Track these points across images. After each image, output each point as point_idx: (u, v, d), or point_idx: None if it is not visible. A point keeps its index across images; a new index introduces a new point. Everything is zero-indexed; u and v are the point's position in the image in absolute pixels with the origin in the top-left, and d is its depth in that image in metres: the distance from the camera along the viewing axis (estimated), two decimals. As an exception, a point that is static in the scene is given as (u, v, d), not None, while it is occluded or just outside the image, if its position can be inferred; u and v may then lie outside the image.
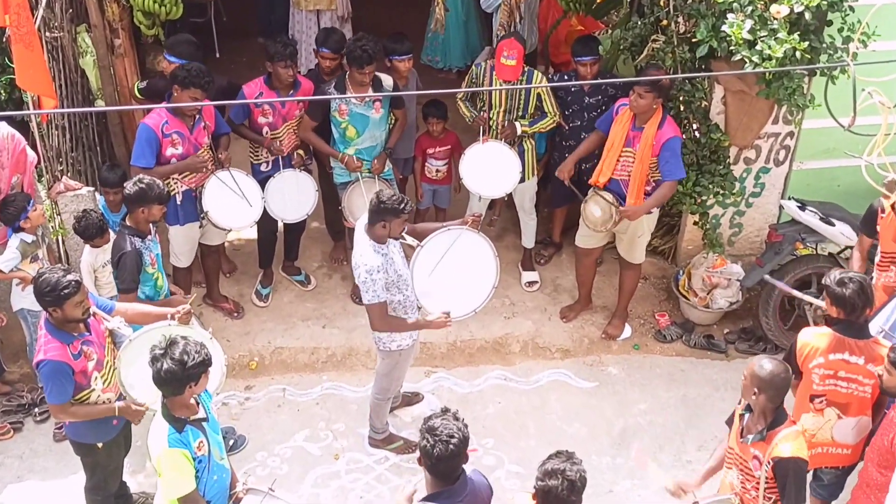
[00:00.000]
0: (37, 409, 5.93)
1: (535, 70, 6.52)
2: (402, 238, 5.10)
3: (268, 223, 6.50)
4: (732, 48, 5.57)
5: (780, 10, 5.35)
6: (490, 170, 6.36)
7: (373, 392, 5.63)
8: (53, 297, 4.29)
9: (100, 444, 4.73)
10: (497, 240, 7.41)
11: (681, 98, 6.36)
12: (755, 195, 6.76)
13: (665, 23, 6.22)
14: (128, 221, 5.17)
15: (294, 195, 6.38)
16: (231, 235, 6.95)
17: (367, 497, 5.55)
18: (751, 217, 6.87)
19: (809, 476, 4.60)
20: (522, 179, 6.51)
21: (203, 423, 4.10)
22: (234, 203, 6.04)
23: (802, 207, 6.24)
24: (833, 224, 6.12)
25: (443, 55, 9.33)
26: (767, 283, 6.30)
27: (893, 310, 5.05)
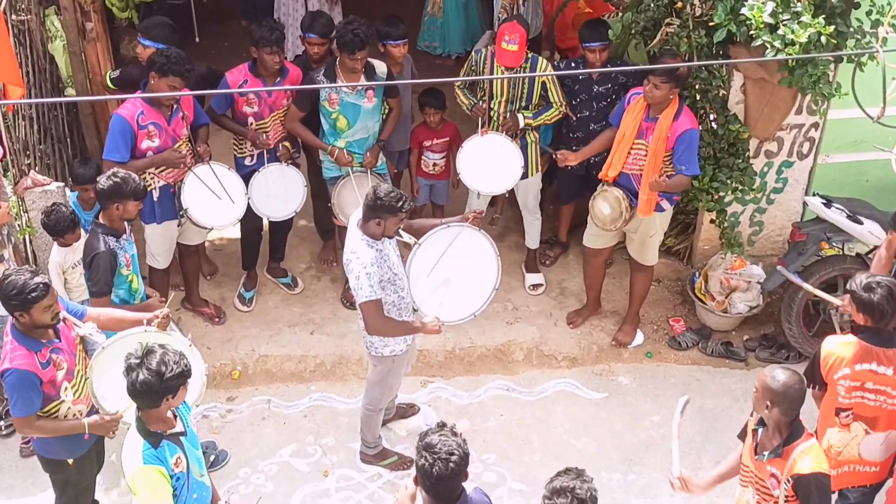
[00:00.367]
0: (1, 423, 5.93)
1: (540, 56, 6.51)
2: (399, 236, 5.11)
3: (252, 221, 6.49)
4: (752, 32, 5.57)
5: (805, -8, 5.36)
6: (489, 164, 6.36)
7: (363, 403, 5.63)
8: (20, 301, 4.29)
9: (70, 461, 4.72)
10: (499, 239, 7.40)
11: (696, 86, 6.36)
12: (777, 191, 6.76)
13: (680, 5, 6.22)
14: (101, 219, 5.17)
15: (280, 191, 6.37)
16: (212, 235, 6.95)
17: (359, 517, 5.57)
18: (772, 215, 6.87)
19: (835, 496, 4.60)
20: (525, 175, 6.50)
21: (181, 438, 4.09)
22: (215, 199, 6.04)
23: (828, 204, 6.24)
24: (861, 222, 6.11)
25: (441, 40, 9.33)
26: (790, 286, 6.31)
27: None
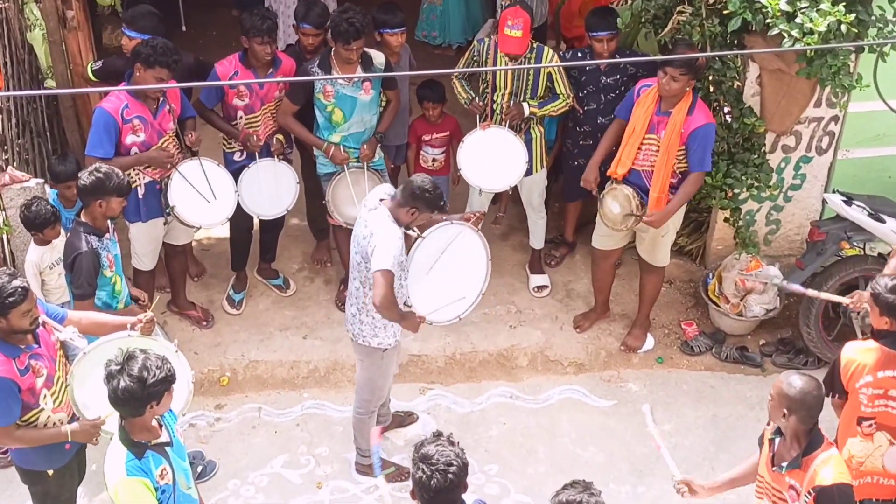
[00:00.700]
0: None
1: (546, 46, 6.50)
2: (411, 228, 5.16)
3: (241, 220, 6.49)
4: (769, 21, 5.56)
5: (824, -22, 5.36)
6: (492, 160, 6.35)
7: (354, 407, 5.62)
8: None
9: (50, 472, 4.71)
10: (502, 239, 7.44)
11: (710, 78, 6.35)
12: (795, 188, 6.75)
13: (692, -8, 6.22)
14: (83, 217, 5.16)
15: (272, 188, 6.37)
16: (199, 234, 6.94)
17: (354, 531, 5.58)
18: (789, 213, 6.86)
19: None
20: (529, 172, 6.49)
21: (166, 448, 4.08)
22: (205, 197, 6.03)
23: (848, 202, 6.24)
24: (883, 220, 6.11)
25: (440, 30, 9.34)
26: (810, 288, 6.29)
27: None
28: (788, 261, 6.82)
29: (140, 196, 5.95)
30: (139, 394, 3.87)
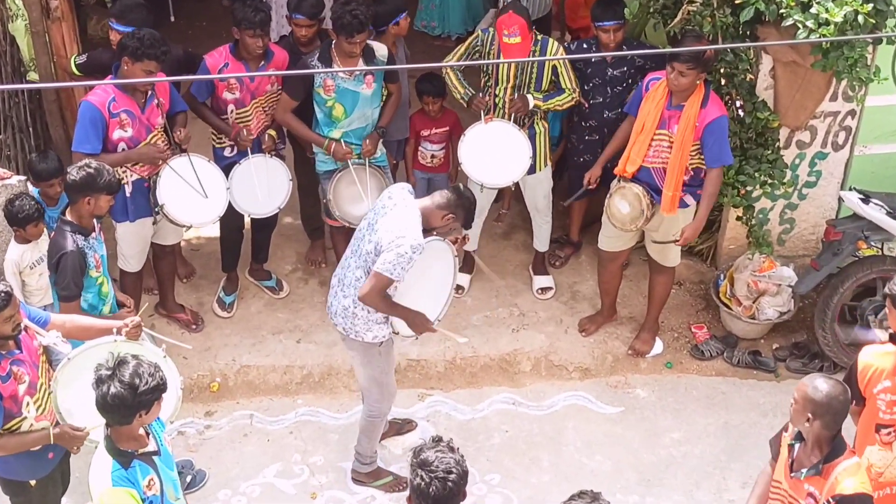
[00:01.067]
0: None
1: (550, 39, 6.48)
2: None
3: (232, 219, 6.48)
4: (783, 11, 5.57)
5: (840, -33, 5.36)
6: (495, 154, 6.33)
7: (364, 411, 5.59)
8: None
9: (33, 482, 4.71)
10: (504, 238, 7.45)
11: (721, 70, 6.35)
12: (810, 185, 6.76)
13: (703, -20, 6.22)
14: (68, 215, 5.15)
15: (264, 185, 6.36)
16: (189, 234, 6.94)
17: (350, 544, 5.58)
18: (804, 211, 6.87)
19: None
20: (532, 170, 6.47)
21: (154, 458, 4.08)
22: (195, 194, 6.03)
23: (866, 200, 6.23)
24: (902, 220, 6.13)
25: (440, 20, 9.34)
26: (825, 289, 6.30)
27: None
28: (803, 261, 6.82)
29: (128, 194, 5.94)
30: (129, 401, 3.86)
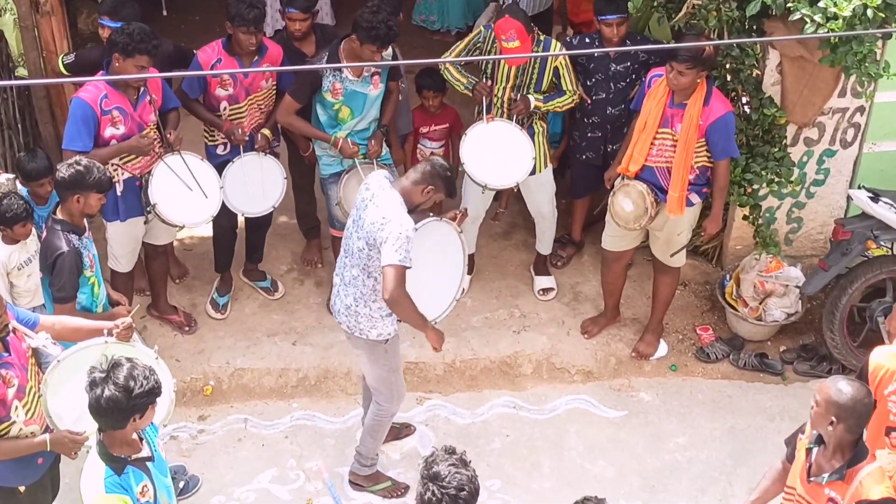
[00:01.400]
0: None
1: (553, 40, 6.46)
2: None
3: (225, 218, 6.48)
4: (790, 5, 5.57)
5: (849, -41, 5.37)
6: (497, 154, 6.32)
7: (372, 409, 5.58)
8: None
9: (22, 488, 4.69)
10: (504, 238, 7.45)
11: (727, 66, 6.36)
12: (818, 183, 6.76)
13: (708, -27, 6.22)
14: (59, 214, 5.15)
15: (257, 184, 6.36)
16: (181, 233, 6.94)
17: (347, 551, 5.59)
18: (812, 210, 6.87)
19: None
20: (532, 171, 6.45)
21: (148, 464, 4.08)
22: (188, 193, 6.03)
23: (875, 198, 6.24)
24: (913, 219, 6.13)
25: (439, 14, 9.34)
26: (833, 290, 6.30)
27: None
28: (811, 261, 6.82)
29: (118, 193, 5.94)
30: (124, 405, 3.86)
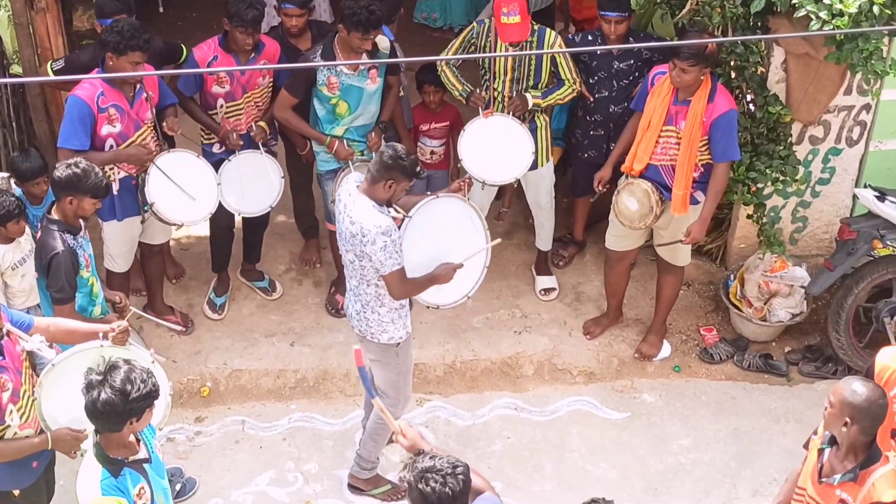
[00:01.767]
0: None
1: (548, 29, 6.46)
2: (390, 207, 5.15)
3: (222, 217, 6.47)
4: (795, 2, 5.57)
5: (854, -45, 5.37)
6: (496, 150, 6.32)
7: (375, 411, 5.57)
8: None
9: (16, 492, 4.68)
10: (505, 237, 7.42)
11: (731, 63, 6.36)
12: (823, 182, 6.76)
13: (712, -30, 6.22)
14: (54, 213, 5.15)
15: (254, 182, 6.36)
16: (178, 233, 6.94)
17: (346, 555, 5.59)
18: (817, 209, 6.87)
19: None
20: (534, 166, 6.46)
21: (144, 466, 4.09)
22: (185, 192, 6.02)
23: (881, 197, 6.24)
24: (919, 218, 6.13)
25: (441, 11, 9.34)
26: (839, 290, 6.30)
27: None
28: (816, 261, 6.83)
29: (115, 192, 5.94)
30: (120, 408, 3.87)
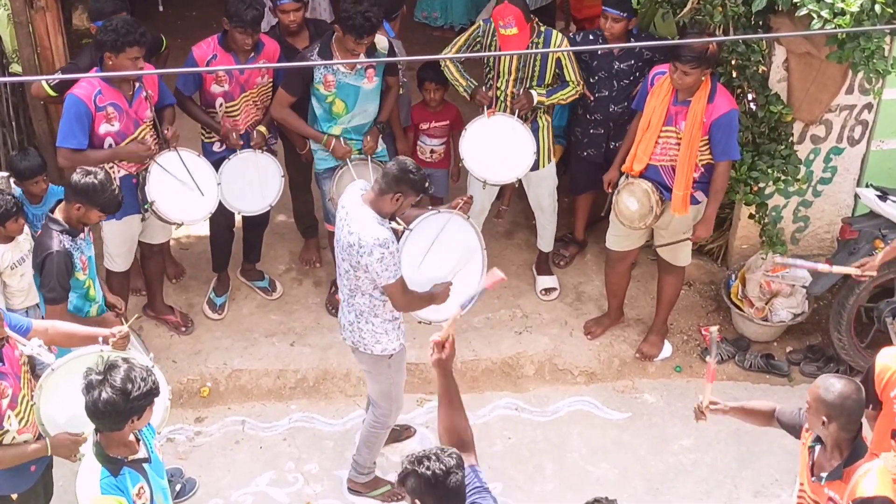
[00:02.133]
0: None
1: (554, 31, 6.49)
2: (391, 220, 5.15)
3: (222, 217, 6.48)
4: (797, 0, 5.57)
5: (856, -46, 5.39)
6: (498, 150, 6.34)
7: (368, 420, 5.61)
8: None
9: (14, 496, 4.70)
10: (506, 237, 7.46)
11: (733, 62, 6.36)
12: (825, 182, 6.78)
13: (713, -31, 6.23)
14: (57, 213, 5.16)
15: (254, 182, 6.38)
16: (178, 232, 6.95)
17: (347, 555, 5.61)
18: (819, 209, 6.89)
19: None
20: (536, 166, 6.48)
21: (144, 465, 4.11)
22: (186, 190, 6.04)
23: (883, 197, 6.26)
24: (921, 218, 6.15)
25: (442, 10, 9.35)
26: (841, 291, 6.32)
27: None
28: (818, 260, 6.83)
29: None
30: (122, 407, 3.89)
